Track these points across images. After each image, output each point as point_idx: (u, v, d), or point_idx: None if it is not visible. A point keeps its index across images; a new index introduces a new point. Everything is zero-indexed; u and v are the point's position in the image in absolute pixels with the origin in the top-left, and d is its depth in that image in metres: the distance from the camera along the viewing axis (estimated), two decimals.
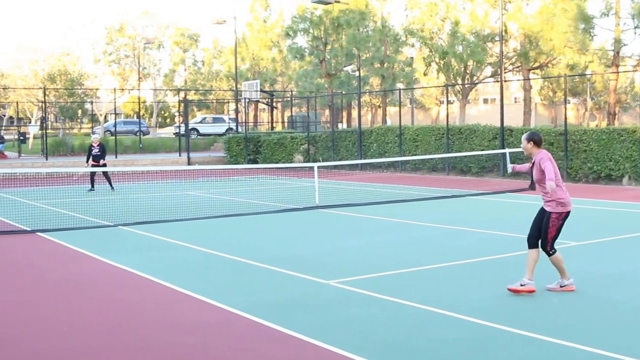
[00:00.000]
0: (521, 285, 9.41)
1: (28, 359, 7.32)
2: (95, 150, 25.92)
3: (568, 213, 9.42)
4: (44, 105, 49.03)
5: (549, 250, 9.43)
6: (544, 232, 9.42)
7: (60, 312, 9.17)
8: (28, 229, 16.61)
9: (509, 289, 9.44)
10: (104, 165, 25.96)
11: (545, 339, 7.48)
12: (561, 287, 9.55)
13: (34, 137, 57.03)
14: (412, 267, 11.32)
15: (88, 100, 66.85)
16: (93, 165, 25.55)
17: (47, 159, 40.05)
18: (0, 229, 16.54)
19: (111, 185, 26.15)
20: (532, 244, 9.53)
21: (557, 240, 9.43)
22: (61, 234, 15.78)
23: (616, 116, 40.26)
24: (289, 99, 58.57)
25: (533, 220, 9.63)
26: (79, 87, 67.12)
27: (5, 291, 10.47)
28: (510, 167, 10.54)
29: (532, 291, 9.35)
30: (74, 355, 7.40)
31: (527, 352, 7.17)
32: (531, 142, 9.59)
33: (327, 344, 7.45)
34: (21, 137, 50.81)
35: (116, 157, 41.23)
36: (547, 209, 9.44)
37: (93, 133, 35.38)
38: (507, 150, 22.34)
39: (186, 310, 9.14)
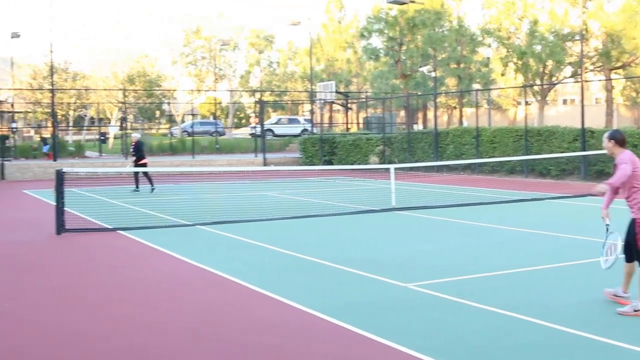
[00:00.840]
0: (616, 296, 9.08)
1: (109, 357, 7.44)
2: (132, 151, 26.38)
3: None
4: (123, 106, 49.94)
5: None
6: (633, 242, 8.70)
7: (141, 310, 9.31)
8: (110, 227, 16.95)
9: (606, 294, 9.21)
10: (144, 165, 25.84)
11: (632, 349, 7.31)
12: (635, 311, 8.55)
13: (114, 137, 58.19)
14: (491, 272, 11.19)
15: (166, 101, 67.92)
16: (136, 165, 25.84)
17: (126, 159, 40.70)
18: (83, 227, 16.89)
19: (137, 186, 26.06)
20: (626, 256, 8.92)
21: None
22: (141, 232, 16.04)
23: None
24: (364, 100, 58.52)
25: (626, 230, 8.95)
26: (157, 88, 68.24)
27: (85, 289, 10.66)
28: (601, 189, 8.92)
29: (627, 304, 8.78)
30: (150, 353, 7.50)
31: None
32: (612, 141, 8.97)
33: (406, 347, 7.40)
34: (102, 137, 51.84)
35: (193, 157, 41.81)
36: (631, 215, 8.78)
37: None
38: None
39: (264, 310, 9.19)
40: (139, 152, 26.06)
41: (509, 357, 7.15)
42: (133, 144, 26.36)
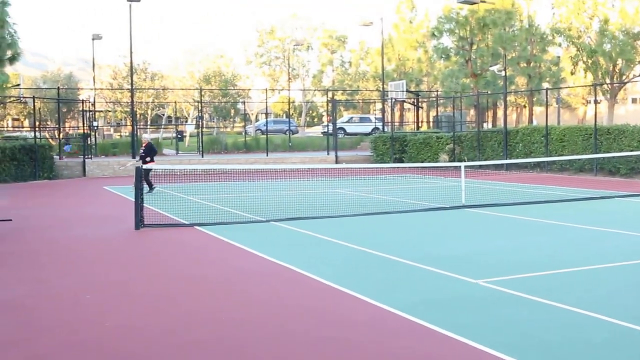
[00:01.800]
0: None
1: (185, 349, 7.59)
2: (141, 152, 25.36)
3: None
4: (199, 105, 50.51)
5: None
6: None
7: (213, 305, 9.46)
8: (187, 222, 17.19)
9: None
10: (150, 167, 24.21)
11: None
12: None
13: (190, 136, 58.93)
14: (562, 269, 11.04)
15: (240, 100, 68.48)
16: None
17: (202, 156, 41.29)
18: (162, 222, 17.20)
19: (150, 187, 24.36)
20: None
21: None
22: (217, 228, 16.24)
23: None
24: (434, 98, 58.15)
25: None
26: (232, 88, 68.87)
27: (163, 283, 10.85)
28: None
29: None
30: (228, 347, 7.61)
31: None
32: None
33: (478, 342, 7.39)
34: (178, 136, 52.48)
35: (267, 155, 42.12)
36: None
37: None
38: None
39: (338, 305, 9.23)
40: (149, 153, 25.19)
41: (581, 354, 7.07)
42: (143, 145, 25.54)
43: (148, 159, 25.15)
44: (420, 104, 55.35)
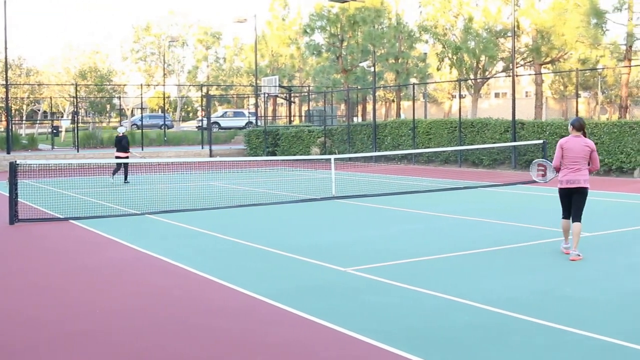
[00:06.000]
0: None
1: (65, 341, 7.33)
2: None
3: (562, 189, 11.00)
4: (75, 100, 49.24)
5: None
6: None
7: (93, 296, 9.18)
8: (61, 216, 16.71)
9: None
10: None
11: (560, 328, 7.37)
12: (564, 247, 11.18)
13: (66, 131, 57.36)
14: (427, 256, 11.25)
15: (116, 95, 67.10)
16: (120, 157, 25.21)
17: (78, 151, 40.33)
18: (35, 217, 16.62)
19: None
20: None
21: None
22: (92, 221, 15.86)
23: (627, 109, 39.89)
24: (306, 93, 58.47)
25: None
26: (108, 83, 67.46)
27: (40, 276, 10.49)
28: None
29: (568, 253, 10.96)
30: (105, 336, 7.40)
31: (543, 340, 7.07)
32: (571, 127, 11.03)
33: (347, 329, 7.41)
34: (54, 131, 51.04)
35: (142, 149, 41.41)
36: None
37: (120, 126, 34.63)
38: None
39: (211, 295, 9.13)
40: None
41: (446, 337, 7.18)
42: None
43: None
44: (292, 98, 55.64)
